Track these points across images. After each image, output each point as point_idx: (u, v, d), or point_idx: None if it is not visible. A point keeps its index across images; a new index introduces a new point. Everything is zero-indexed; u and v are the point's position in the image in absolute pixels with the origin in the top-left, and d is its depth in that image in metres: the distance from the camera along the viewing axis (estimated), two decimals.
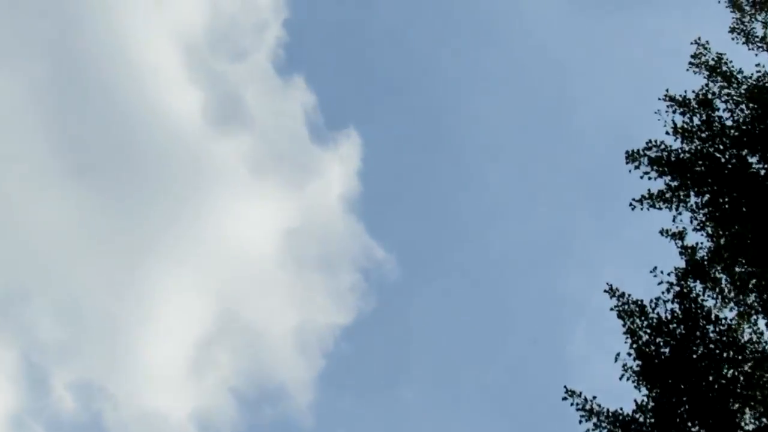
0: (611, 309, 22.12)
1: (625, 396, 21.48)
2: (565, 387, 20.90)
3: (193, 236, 55.42)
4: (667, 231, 22.93)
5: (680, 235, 22.81)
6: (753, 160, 22.29)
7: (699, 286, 21.97)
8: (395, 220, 57.98)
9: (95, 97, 57.11)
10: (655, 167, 22.85)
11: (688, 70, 24.02)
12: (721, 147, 22.35)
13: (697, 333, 21.03)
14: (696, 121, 23.02)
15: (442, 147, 57.89)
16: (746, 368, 20.68)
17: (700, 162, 22.26)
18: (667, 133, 23.25)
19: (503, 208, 56.04)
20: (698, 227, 22.80)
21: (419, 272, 56.69)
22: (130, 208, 55.79)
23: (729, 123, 22.65)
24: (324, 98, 58.46)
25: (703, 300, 21.78)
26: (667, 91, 23.46)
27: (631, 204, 23.00)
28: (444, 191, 57.04)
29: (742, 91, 22.70)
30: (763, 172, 22.03)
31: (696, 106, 23.17)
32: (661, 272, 22.29)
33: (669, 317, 21.49)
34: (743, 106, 22.74)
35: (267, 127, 58.95)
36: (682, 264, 22.47)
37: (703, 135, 22.67)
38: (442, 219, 56.97)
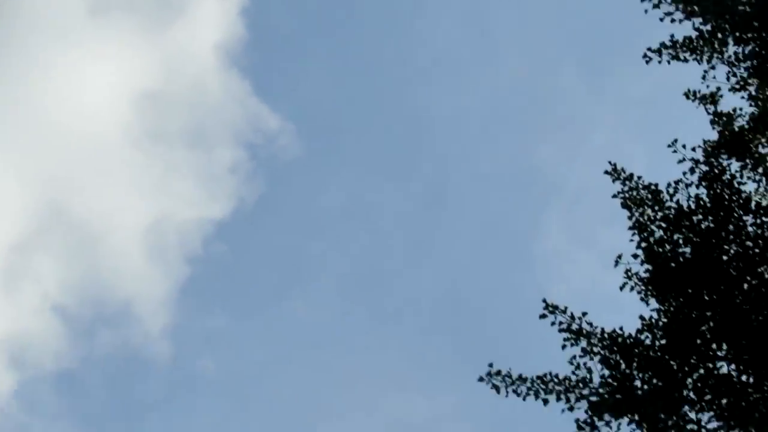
0: (614, 196, 19.46)
1: (625, 313, 18.60)
2: (544, 301, 17.92)
3: (1, 101, 43.39)
4: (694, 93, 20.19)
5: (712, 98, 20.25)
6: None
7: (735, 165, 19.42)
8: (295, 76, 43.72)
9: None
10: (681, 5, 19.96)
11: None
12: None
13: (731, 227, 18.57)
14: None
15: None
16: None
17: None
18: None
19: (453, 55, 42.35)
20: (737, 87, 20.08)
21: (329, 145, 43.29)
22: None
23: None
24: None
25: (740, 183, 19.23)
26: None
27: (645, 55, 20.23)
28: (368, 30, 43.04)
29: None
30: None
31: None
32: (683, 146, 19.32)
33: (692, 206, 18.98)
34: None
35: None
36: (713, 136, 19.87)
37: None
38: (363, 69, 43.06)
